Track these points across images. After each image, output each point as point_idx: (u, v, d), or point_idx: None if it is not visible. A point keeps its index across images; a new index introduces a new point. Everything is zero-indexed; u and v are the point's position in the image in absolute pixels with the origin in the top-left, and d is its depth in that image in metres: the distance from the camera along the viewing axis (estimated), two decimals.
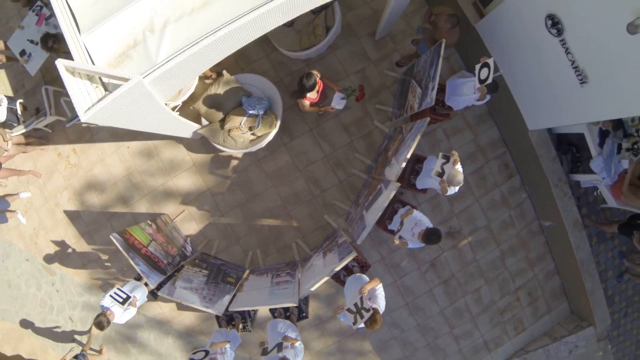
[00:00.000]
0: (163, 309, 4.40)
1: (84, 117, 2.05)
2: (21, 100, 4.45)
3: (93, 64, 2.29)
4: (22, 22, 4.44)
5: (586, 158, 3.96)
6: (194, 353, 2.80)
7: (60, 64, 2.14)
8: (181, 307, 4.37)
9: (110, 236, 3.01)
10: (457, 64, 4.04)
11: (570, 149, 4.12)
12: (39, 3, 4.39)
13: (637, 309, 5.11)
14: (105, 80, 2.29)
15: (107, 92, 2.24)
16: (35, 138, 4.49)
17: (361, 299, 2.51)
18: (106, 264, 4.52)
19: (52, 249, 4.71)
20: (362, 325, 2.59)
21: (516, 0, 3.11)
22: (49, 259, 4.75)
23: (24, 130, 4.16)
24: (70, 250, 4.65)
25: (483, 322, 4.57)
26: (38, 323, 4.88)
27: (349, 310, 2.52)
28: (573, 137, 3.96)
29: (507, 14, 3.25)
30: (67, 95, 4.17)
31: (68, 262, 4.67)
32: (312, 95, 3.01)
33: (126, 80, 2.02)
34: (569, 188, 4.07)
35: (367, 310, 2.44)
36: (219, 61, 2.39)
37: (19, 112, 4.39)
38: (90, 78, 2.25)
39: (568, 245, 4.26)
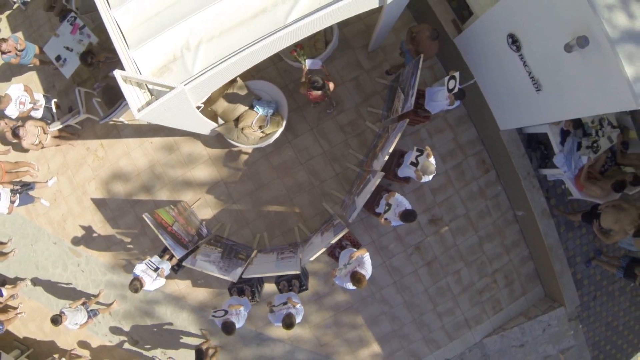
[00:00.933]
0: (179, 286, 5.06)
1: (138, 115, 2.71)
2: (55, 100, 5.13)
3: (140, 73, 2.96)
4: (58, 31, 5.11)
5: (553, 155, 4.62)
6: (215, 312, 3.46)
7: (117, 74, 2.80)
8: (195, 284, 5.03)
9: (143, 215, 3.67)
10: (440, 72, 4.71)
11: (539, 146, 4.78)
12: (72, 14, 5.07)
13: (606, 292, 5.75)
14: (150, 86, 2.95)
15: (152, 97, 2.91)
16: (67, 133, 5.15)
17: (349, 260, 3.19)
18: (129, 245, 5.17)
19: (79, 233, 5.36)
20: (353, 287, 3.25)
21: (484, 21, 3.78)
22: (75, 242, 5.41)
23: (60, 126, 4.83)
24: (95, 234, 5.31)
25: (464, 301, 5.22)
26: (63, 301, 5.54)
27: (340, 267, 3.19)
28: (541, 136, 4.62)
29: (478, 32, 3.92)
30: (97, 97, 4.86)
31: (93, 244, 5.33)
32: (316, 94, 3.63)
33: (172, 88, 2.68)
34: (537, 181, 4.73)
35: (350, 263, 3.14)
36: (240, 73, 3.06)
37: (54, 110, 5.08)
38: (139, 85, 2.91)
39: (538, 232, 4.92)
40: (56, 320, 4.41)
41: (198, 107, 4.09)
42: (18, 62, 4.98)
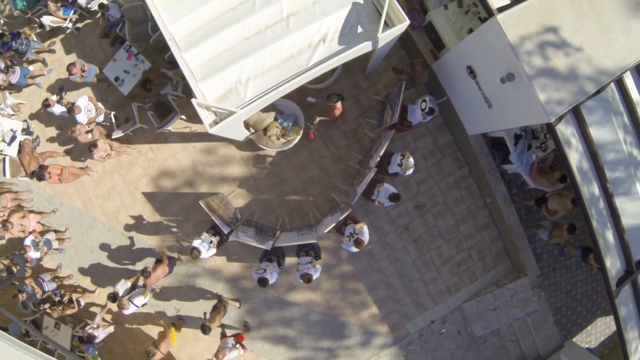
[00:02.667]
0: (216, 262, 6.51)
1: (211, 130, 4.16)
2: (114, 112, 6.58)
3: (206, 100, 4.41)
4: (115, 56, 6.53)
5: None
6: (256, 270, 4.91)
7: (194, 101, 4.25)
8: (229, 259, 6.49)
9: (200, 202, 5.12)
10: (422, 90, 6.17)
11: (502, 147, 6.24)
12: (127, 43, 6.50)
13: (564, 265, 7.21)
14: (213, 109, 4.40)
15: (216, 117, 4.36)
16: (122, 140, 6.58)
17: (353, 230, 4.66)
18: (173, 230, 6.61)
19: (131, 221, 6.80)
20: (356, 249, 4.72)
21: (451, 54, 5.25)
22: (127, 228, 6.84)
23: (121, 134, 6.27)
24: (145, 222, 6.75)
25: (445, 272, 6.70)
26: (113, 279, 6.94)
27: (347, 236, 4.66)
28: (501, 139, 6.09)
29: (448, 62, 5.39)
30: (150, 110, 6.28)
31: (143, 230, 6.76)
32: (339, 106, 5.11)
33: (232, 112, 4.14)
34: (499, 174, 6.21)
35: (355, 234, 4.61)
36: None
37: (113, 120, 6.52)
38: (207, 108, 4.36)
39: (502, 215, 6.39)
40: (114, 297, 5.78)
41: None
42: (82, 82, 6.42)
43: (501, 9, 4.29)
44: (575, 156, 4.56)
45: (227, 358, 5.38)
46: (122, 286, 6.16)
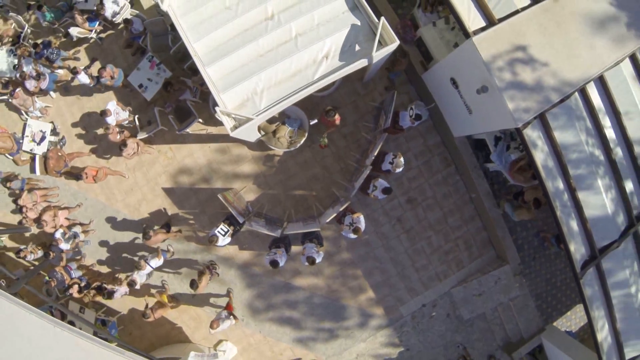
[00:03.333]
0: (229, 250, 7.37)
1: (232, 134, 5.01)
2: (138, 116, 7.42)
3: (227, 108, 5.26)
4: (139, 65, 7.37)
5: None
6: (268, 254, 5.76)
7: (218, 109, 5.09)
8: (242, 248, 7.34)
9: (218, 195, 5.97)
10: (414, 96, 7.02)
11: (484, 148, 7.10)
12: (150, 54, 7.34)
13: (543, 255, 8.06)
14: (233, 116, 5.25)
15: (235, 122, 5.21)
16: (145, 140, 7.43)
17: (352, 220, 5.52)
18: (190, 222, 7.46)
19: (151, 213, 7.65)
20: (354, 236, 5.57)
21: (438, 67, 6.10)
22: (147, 220, 7.69)
23: (145, 135, 7.11)
24: (164, 214, 7.60)
25: (434, 260, 7.55)
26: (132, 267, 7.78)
27: (347, 225, 5.52)
28: (484, 141, 6.93)
29: (434, 74, 6.24)
30: (170, 114, 7.11)
31: (162, 221, 7.61)
32: (337, 118, 5.98)
33: (250, 118, 4.99)
34: (482, 172, 7.06)
35: (354, 224, 5.47)
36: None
37: (137, 123, 7.37)
38: (228, 115, 5.21)
39: (485, 208, 7.25)
40: (138, 266, 6.67)
41: None
42: (112, 85, 7.26)
43: (477, 32, 5.15)
44: (541, 156, 5.41)
45: (221, 327, 6.32)
46: (139, 275, 7.01)
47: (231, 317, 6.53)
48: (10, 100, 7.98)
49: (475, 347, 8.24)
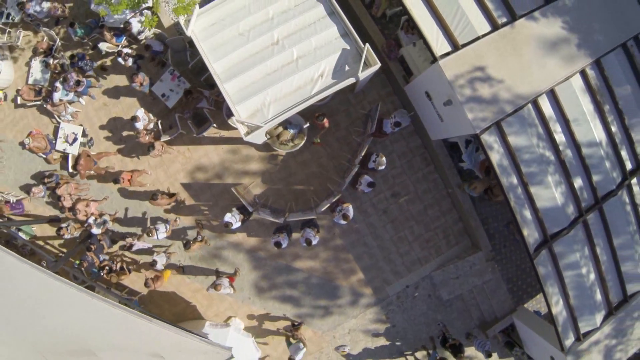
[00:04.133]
0: (238, 237, 8.72)
1: (246, 138, 6.37)
2: (160, 121, 8.78)
3: (240, 117, 6.62)
4: (162, 77, 8.74)
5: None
6: (272, 237, 7.11)
7: (234, 118, 6.46)
8: (249, 235, 8.69)
9: (232, 189, 7.33)
10: (398, 105, 8.38)
11: (459, 149, 8.44)
12: (171, 68, 8.70)
13: (513, 243, 9.37)
14: (246, 123, 6.61)
15: (247, 129, 6.57)
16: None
17: (342, 208, 6.89)
18: (205, 212, 8.83)
19: (171, 205, 9.01)
20: (343, 222, 6.93)
21: (416, 81, 7.46)
22: (167, 211, 9.05)
23: (168, 138, 8.48)
24: (182, 205, 8.95)
25: (416, 247, 8.90)
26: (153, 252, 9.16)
27: (337, 212, 6.89)
28: (457, 144, 8.28)
29: (413, 87, 7.60)
30: (189, 119, 8.49)
31: (181, 212, 8.96)
32: (325, 120, 7.33)
33: (260, 126, 6.35)
34: (456, 170, 8.40)
35: (342, 211, 6.84)
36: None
37: (160, 127, 8.73)
38: (242, 122, 6.57)
39: (459, 202, 8.59)
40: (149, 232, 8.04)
41: None
42: (140, 90, 8.60)
43: (443, 56, 6.50)
44: (497, 156, 6.75)
45: (222, 292, 7.75)
46: (159, 257, 8.38)
47: (231, 287, 7.94)
48: (45, 105, 9.39)
49: (454, 326, 9.57)
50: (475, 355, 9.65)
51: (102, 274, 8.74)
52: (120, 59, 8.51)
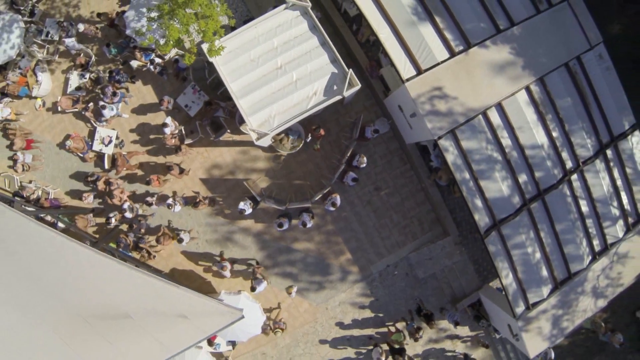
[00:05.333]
0: (247, 222, 10.94)
1: (256, 143, 8.60)
2: (183, 127, 11.02)
3: (252, 126, 8.85)
4: (184, 91, 10.98)
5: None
6: (275, 221, 9.31)
7: (247, 127, 8.69)
8: (257, 220, 10.91)
9: (244, 182, 9.55)
10: (380, 114, 10.60)
11: (429, 150, 10.63)
12: (192, 83, 10.94)
13: (478, 230, 11.53)
14: (256, 131, 8.84)
15: (257, 135, 8.80)
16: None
17: (331, 198, 9.11)
18: (220, 202, 11.05)
19: (191, 196, 11.24)
20: (332, 208, 9.14)
21: (391, 96, 9.68)
22: (187, 202, 11.27)
23: (190, 142, 10.72)
24: (200, 197, 11.17)
25: (395, 232, 11.09)
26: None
27: (327, 200, 9.10)
28: (426, 146, 10.47)
29: (390, 101, 9.83)
30: (208, 126, 10.77)
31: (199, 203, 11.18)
32: (321, 131, 9.57)
33: (267, 133, 8.58)
34: (427, 167, 10.61)
35: (331, 199, 9.07)
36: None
37: (183, 132, 10.98)
38: (253, 130, 8.80)
39: (430, 195, 10.79)
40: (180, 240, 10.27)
41: None
42: (167, 109, 10.85)
43: (409, 78, 8.71)
44: (452, 157, 8.94)
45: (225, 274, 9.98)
46: (184, 235, 10.60)
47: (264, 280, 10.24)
48: (83, 113, 11.63)
49: (429, 301, 11.74)
50: (448, 327, 11.85)
51: (132, 255, 10.96)
52: (151, 66, 10.73)
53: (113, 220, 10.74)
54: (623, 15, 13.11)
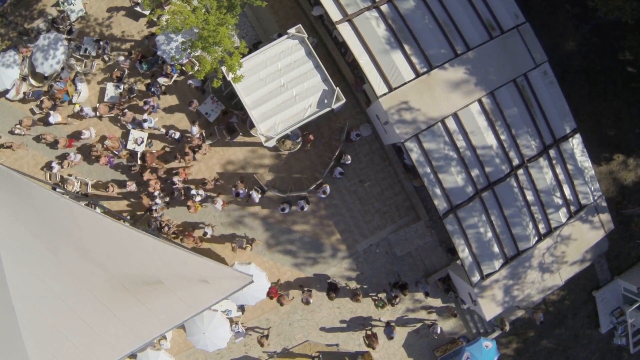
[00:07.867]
0: (255, 208, 14.48)
1: (265, 144, 12.14)
2: (203, 131, 14.57)
3: (262, 131, 12.40)
4: (205, 101, 14.52)
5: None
6: (279, 207, 12.84)
7: (257, 132, 12.23)
8: (264, 207, 14.44)
9: (254, 176, 13.10)
10: (364, 120, 14.13)
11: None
12: (211, 94, 14.48)
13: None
14: (265, 135, 12.37)
15: (265, 138, 12.35)
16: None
17: (322, 187, 12.66)
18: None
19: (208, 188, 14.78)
20: (323, 196, 12.70)
21: (370, 108, 13.21)
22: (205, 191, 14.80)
23: (210, 142, 14.27)
24: (215, 192, 14.70)
25: (377, 217, 14.60)
26: (194, 225, 14.92)
27: (319, 190, 12.65)
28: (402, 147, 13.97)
29: (371, 110, 13.36)
30: (224, 130, 14.41)
31: (216, 192, 14.71)
32: (311, 137, 13.13)
33: (273, 137, 12.12)
34: (402, 165, 14.11)
35: (322, 188, 12.64)
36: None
37: (203, 135, 14.53)
38: (262, 135, 12.34)
39: (404, 186, 14.30)
40: (205, 234, 13.83)
41: None
42: (193, 110, 14.41)
43: (382, 95, 12.23)
44: (416, 155, 12.43)
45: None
46: (208, 229, 14.19)
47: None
48: (119, 117, 15.19)
49: (407, 275, 15.21)
50: (424, 299, 15.32)
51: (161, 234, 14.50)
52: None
53: (156, 206, 14.29)
54: (578, 33, 16.51)
